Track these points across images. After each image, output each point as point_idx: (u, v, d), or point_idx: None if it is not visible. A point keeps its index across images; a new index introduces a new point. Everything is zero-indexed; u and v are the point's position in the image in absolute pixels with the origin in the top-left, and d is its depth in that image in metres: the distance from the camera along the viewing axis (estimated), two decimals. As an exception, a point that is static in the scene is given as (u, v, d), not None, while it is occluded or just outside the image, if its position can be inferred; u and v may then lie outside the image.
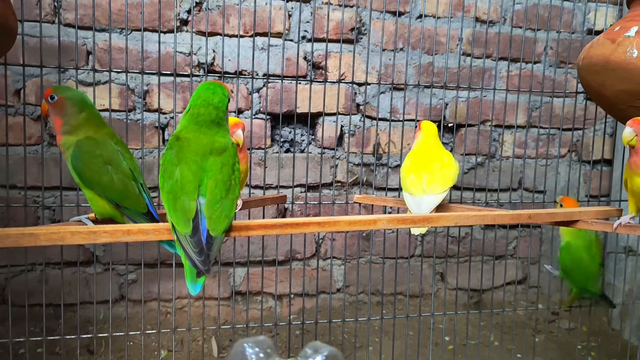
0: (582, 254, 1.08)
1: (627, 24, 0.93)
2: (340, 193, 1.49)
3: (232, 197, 0.64)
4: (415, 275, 1.55)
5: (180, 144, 0.64)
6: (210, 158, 0.63)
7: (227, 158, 0.65)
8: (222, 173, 0.63)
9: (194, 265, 0.59)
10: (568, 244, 1.09)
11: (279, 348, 1.34)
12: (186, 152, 0.63)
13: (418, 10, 1.49)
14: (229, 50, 1.38)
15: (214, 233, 0.60)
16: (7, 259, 1.27)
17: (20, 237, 0.59)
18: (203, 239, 0.59)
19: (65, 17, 1.29)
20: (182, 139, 0.64)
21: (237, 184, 0.66)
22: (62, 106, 0.74)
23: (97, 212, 0.74)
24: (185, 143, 0.64)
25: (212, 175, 0.62)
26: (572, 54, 1.50)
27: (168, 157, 0.64)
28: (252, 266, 1.45)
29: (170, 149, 0.64)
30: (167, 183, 0.62)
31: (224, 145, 0.65)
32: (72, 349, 1.22)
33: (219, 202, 0.61)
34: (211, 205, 0.61)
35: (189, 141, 0.64)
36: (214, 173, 0.62)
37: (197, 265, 0.58)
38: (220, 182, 0.62)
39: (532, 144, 1.60)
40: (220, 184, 0.62)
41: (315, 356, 0.41)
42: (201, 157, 0.63)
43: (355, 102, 1.48)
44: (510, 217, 0.86)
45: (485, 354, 1.36)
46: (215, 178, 0.62)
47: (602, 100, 1.00)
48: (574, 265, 1.08)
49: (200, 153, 0.63)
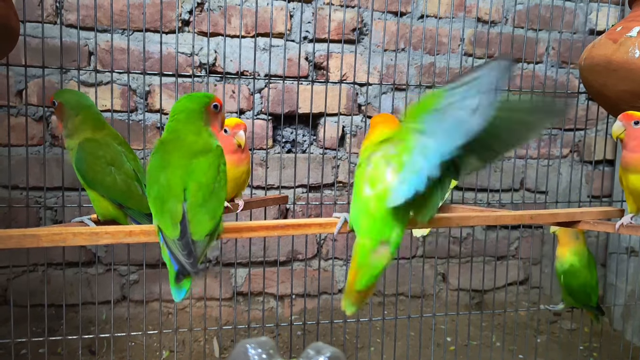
0: (585, 275, 1.07)
1: (629, 24, 0.93)
2: (342, 193, 1.49)
3: (216, 198, 0.62)
4: (417, 276, 1.55)
5: (165, 148, 0.63)
6: (195, 160, 0.62)
7: (213, 159, 0.63)
8: (206, 175, 0.62)
9: (182, 268, 0.57)
10: (572, 267, 1.07)
11: (281, 348, 1.34)
12: (171, 155, 0.62)
13: (420, 11, 1.49)
14: (230, 51, 1.38)
15: (195, 237, 0.58)
16: (9, 259, 1.27)
17: (22, 238, 0.59)
18: (190, 242, 0.58)
19: (67, 17, 1.29)
20: (166, 142, 0.63)
21: (224, 185, 0.64)
22: (61, 111, 0.75)
23: (99, 213, 0.74)
24: (170, 146, 0.63)
25: (196, 178, 0.61)
26: (574, 54, 1.50)
27: (154, 161, 0.62)
28: (254, 267, 1.45)
29: (155, 153, 0.63)
30: (153, 188, 0.61)
31: (209, 146, 0.64)
32: (74, 350, 1.22)
33: (201, 205, 0.60)
34: (192, 208, 0.59)
35: (174, 143, 0.63)
36: (198, 175, 0.61)
37: (185, 268, 0.57)
38: (204, 185, 0.61)
39: (534, 144, 1.60)
40: (203, 186, 0.61)
41: (317, 357, 0.41)
42: (187, 159, 0.62)
43: (357, 103, 1.48)
44: (512, 217, 0.86)
45: (487, 354, 1.36)
46: (199, 181, 0.61)
47: (604, 101, 1.00)
48: (579, 288, 1.07)
49: (185, 155, 0.62)
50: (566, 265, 1.08)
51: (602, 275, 1.69)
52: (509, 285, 1.64)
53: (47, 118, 1.31)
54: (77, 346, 1.20)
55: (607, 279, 1.67)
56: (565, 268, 1.08)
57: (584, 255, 1.08)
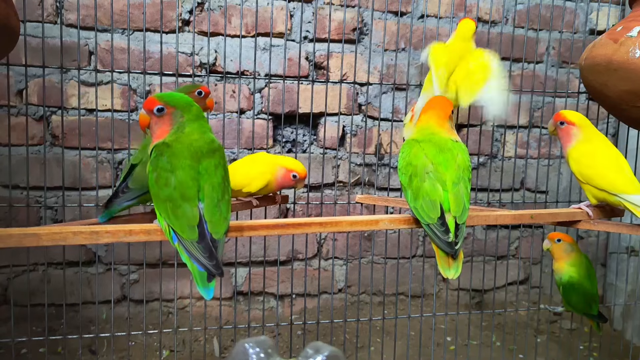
0: (585, 286, 1.06)
1: (630, 24, 0.93)
2: (342, 193, 1.49)
3: (227, 198, 0.64)
4: (417, 276, 1.55)
5: (171, 150, 0.63)
6: (203, 161, 0.63)
7: (219, 159, 0.65)
8: (216, 175, 0.63)
9: (206, 271, 0.59)
10: (571, 279, 1.06)
11: (281, 348, 1.34)
12: (179, 157, 0.62)
13: (420, 11, 1.49)
14: (230, 51, 1.38)
15: (216, 236, 0.60)
16: (10, 259, 1.27)
17: (22, 237, 0.59)
18: (210, 244, 0.60)
19: (68, 17, 1.29)
20: (172, 145, 0.63)
21: (229, 184, 0.66)
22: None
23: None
24: (177, 149, 0.63)
25: (208, 179, 0.62)
26: (575, 54, 1.50)
27: (161, 164, 0.62)
28: (254, 266, 1.46)
29: (160, 155, 0.63)
30: (163, 191, 0.61)
31: (215, 145, 0.65)
32: (74, 349, 1.23)
33: (217, 205, 0.62)
34: (210, 209, 0.61)
35: (180, 145, 0.63)
36: (210, 176, 0.63)
37: (210, 270, 0.59)
38: (216, 185, 0.63)
39: (534, 144, 1.60)
40: (216, 186, 0.63)
41: (316, 356, 0.41)
42: (196, 161, 0.63)
43: (357, 102, 1.48)
44: (513, 217, 0.86)
45: (487, 354, 1.36)
46: (211, 181, 0.62)
47: (605, 101, 1.00)
48: (579, 299, 1.07)
49: (194, 157, 0.63)
50: (565, 278, 1.06)
51: (602, 275, 1.69)
52: (509, 285, 1.64)
53: (48, 118, 1.31)
54: (77, 346, 1.20)
55: (607, 279, 1.67)
56: (564, 281, 1.07)
57: (582, 266, 1.06)
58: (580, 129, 0.92)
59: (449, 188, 0.74)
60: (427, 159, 0.76)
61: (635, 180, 0.86)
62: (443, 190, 0.74)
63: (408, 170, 0.77)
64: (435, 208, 0.73)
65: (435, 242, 0.73)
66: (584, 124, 0.92)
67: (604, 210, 0.92)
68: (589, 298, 1.06)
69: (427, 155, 0.76)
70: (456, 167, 0.76)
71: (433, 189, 0.74)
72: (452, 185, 0.74)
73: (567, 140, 0.93)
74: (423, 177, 0.75)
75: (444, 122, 0.82)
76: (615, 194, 0.85)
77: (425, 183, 0.74)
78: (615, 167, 0.87)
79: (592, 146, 0.91)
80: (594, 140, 0.91)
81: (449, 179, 0.75)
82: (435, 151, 0.77)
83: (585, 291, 1.06)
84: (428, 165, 0.75)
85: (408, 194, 0.76)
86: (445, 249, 0.72)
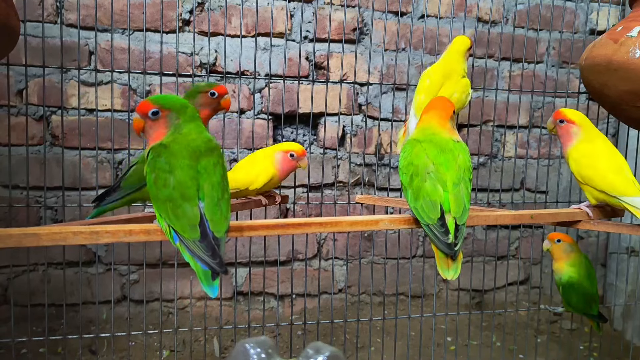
0: (585, 286, 1.06)
1: (630, 24, 0.93)
2: (342, 193, 1.49)
3: (227, 197, 0.64)
4: (417, 276, 1.55)
5: (169, 151, 0.62)
6: (202, 160, 0.63)
7: (217, 158, 0.65)
8: (215, 174, 0.63)
9: (210, 269, 0.59)
10: (570, 279, 1.06)
11: (281, 348, 1.34)
12: (178, 157, 0.62)
13: (420, 11, 1.49)
14: (231, 51, 1.38)
15: (218, 234, 0.61)
16: (10, 259, 1.27)
17: (22, 237, 0.59)
18: (212, 243, 0.60)
19: (68, 17, 1.29)
20: (169, 146, 0.63)
21: (228, 183, 0.66)
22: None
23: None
24: (175, 149, 0.63)
25: (207, 178, 0.62)
26: (575, 54, 1.50)
27: (159, 164, 0.62)
28: (254, 266, 1.46)
29: (158, 156, 0.62)
30: (162, 191, 0.61)
31: (213, 144, 0.65)
32: (74, 349, 1.23)
33: (217, 204, 0.62)
34: (211, 208, 0.61)
35: (178, 145, 0.63)
36: (209, 175, 0.63)
37: (213, 268, 0.59)
38: (216, 184, 0.63)
39: (534, 144, 1.60)
40: (216, 185, 0.63)
41: (316, 356, 0.41)
42: (194, 160, 0.63)
43: (357, 103, 1.48)
44: (513, 217, 0.86)
45: (487, 354, 1.36)
46: (211, 180, 0.62)
47: (605, 101, 1.00)
48: (579, 299, 1.07)
49: (192, 156, 0.63)
50: (564, 278, 1.06)
51: (602, 275, 1.68)
52: (509, 285, 1.64)
53: (48, 118, 1.31)
54: (77, 346, 1.20)
55: (607, 279, 1.67)
56: (564, 281, 1.06)
57: (582, 266, 1.06)
58: (580, 128, 0.92)
59: (450, 189, 0.74)
60: (429, 159, 0.76)
61: (635, 182, 0.86)
62: (443, 190, 0.74)
63: (409, 169, 0.77)
64: (435, 208, 0.73)
65: (435, 242, 0.73)
66: (584, 123, 0.92)
67: (604, 211, 0.92)
68: (589, 298, 1.06)
69: (429, 156, 0.76)
70: (457, 168, 0.76)
71: (434, 189, 0.74)
72: (453, 186, 0.74)
73: (567, 140, 0.93)
74: (424, 177, 0.75)
75: (445, 122, 0.82)
76: (614, 195, 0.85)
77: (426, 183, 0.74)
78: (615, 168, 0.87)
79: (592, 146, 0.90)
80: (593, 140, 0.91)
81: (450, 179, 0.75)
82: (437, 151, 0.77)
83: (585, 291, 1.05)
84: (429, 166, 0.75)
85: (408, 193, 0.76)
86: (444, 250, 0.72)
